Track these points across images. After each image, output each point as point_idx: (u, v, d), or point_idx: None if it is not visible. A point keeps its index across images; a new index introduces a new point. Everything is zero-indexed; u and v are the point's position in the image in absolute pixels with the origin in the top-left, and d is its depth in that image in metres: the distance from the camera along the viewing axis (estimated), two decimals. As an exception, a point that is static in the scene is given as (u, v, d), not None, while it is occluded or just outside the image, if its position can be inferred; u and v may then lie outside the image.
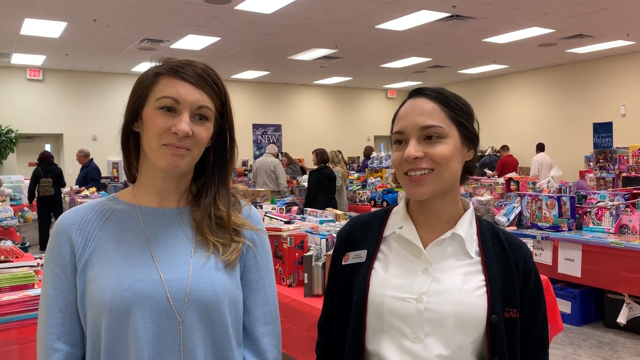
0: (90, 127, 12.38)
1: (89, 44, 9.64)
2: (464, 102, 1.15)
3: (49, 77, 12.07)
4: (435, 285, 1.09)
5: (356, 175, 10.32)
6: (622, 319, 4.31)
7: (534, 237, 4.83)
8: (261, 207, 4.25)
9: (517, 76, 13.93)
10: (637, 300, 4.32)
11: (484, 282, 1.10)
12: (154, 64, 1.11)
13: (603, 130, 8.94)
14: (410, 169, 1.09)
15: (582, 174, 9.15)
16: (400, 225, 1.17)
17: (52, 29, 8.45)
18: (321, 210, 3.98)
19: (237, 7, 7.46)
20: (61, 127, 12.21)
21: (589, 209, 4.87)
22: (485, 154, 12.73)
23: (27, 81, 11.83)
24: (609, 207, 4.73)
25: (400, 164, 1.11)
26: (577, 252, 4.56)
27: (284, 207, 4.19)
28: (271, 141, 14.48)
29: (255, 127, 14.61)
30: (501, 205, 5.40)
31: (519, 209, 5.23)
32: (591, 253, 4.48)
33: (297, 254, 2.81)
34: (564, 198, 4.92)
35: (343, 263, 1.21)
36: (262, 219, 1.43)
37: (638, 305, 4.31)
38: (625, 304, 4.33)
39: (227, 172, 1.18)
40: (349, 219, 1.47)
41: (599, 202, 4.89)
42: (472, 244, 1.14)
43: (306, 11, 7.78)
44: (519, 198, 5.30)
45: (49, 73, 12.06)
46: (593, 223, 4.81)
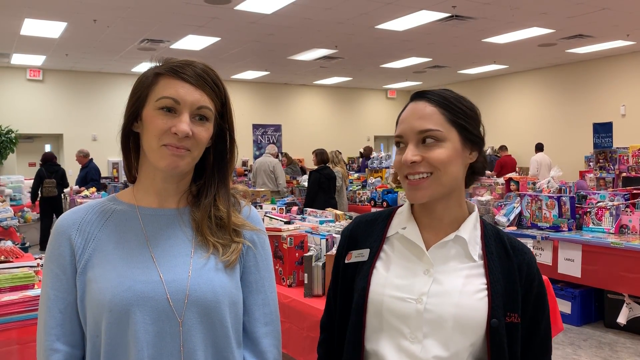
0: (90, 127, 12.38)
1: (89, 44, 9.64)
2: (467, 104, 1.14)
3: (49, 78, 12.07)
4: (435, 286, 1.09)
5: (356, 175, 10.33)
6: (622, 319, 4.30)
7: (534, 237, 4.82)
8: (261, 207, 4.24)
9: (517, 76, 13.93)
10: (637, 300, 4.32)
11: (485, 285, 1.10)
12: (153, 64, 1.11)
13: (603, 130, 8.94)
14: (409, 173, 1.10)
15: (582, 174, 9.15)
16: (404, 226, 1.17)
17: (52, 29, 8.45)
18: (321, 211, 3.97)
19: (237, 7, 7.46)
20: (61, 128, 12.21)
21: (589, 209, 4.87)
22: (485, 154, 12.72)
23: (27, 81, 11.83)
24: (609, 207, 4.73)
25: (400, 168, 1.11)
26: (577, 252, 4.56)
27: (283, 208, 4.18)
28: (271, 141, 14.48)
29: (255, 127, 14.61)
30: (501, 206, 5.40)
31: (519, 209, 5.23)
32: (591, 253, 4.48)
33: (297, 254, 2.80)
34: (564, 198, 4.92)
35: (346, 261, 1.22)
36: (262, 219, 1.43)
37: (638, 306, 4.30)
38: (625, 304, 4.33)
39: (227, 173, 1.18)
40: (349, 219, 1.47)
41: (599, 202, 4.89)
42: (475, 247, 1.13)
43: (306, 11, 7.78)
44: (519, 198, 5.30)
45: (49, 73, 12.05)
46: (593, 223, 4.81)
